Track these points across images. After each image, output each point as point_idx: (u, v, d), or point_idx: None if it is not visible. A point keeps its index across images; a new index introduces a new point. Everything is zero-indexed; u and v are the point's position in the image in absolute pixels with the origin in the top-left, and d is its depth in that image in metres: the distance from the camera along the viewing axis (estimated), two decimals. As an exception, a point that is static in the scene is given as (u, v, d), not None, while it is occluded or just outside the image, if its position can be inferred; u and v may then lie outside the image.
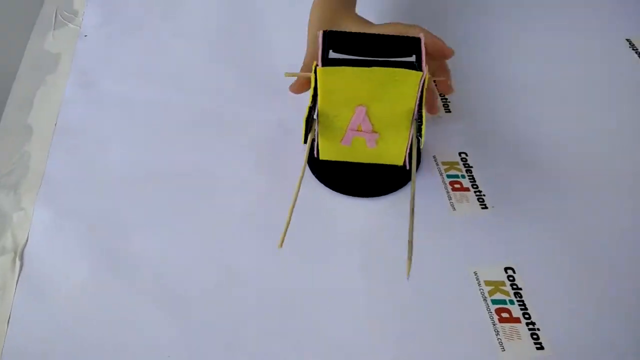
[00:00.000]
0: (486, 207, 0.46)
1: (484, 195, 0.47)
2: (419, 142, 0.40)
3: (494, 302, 0.41)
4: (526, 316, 0.40)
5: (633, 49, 0.59)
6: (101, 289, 0.41)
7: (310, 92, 0.41)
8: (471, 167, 0.49)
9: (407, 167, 0.46)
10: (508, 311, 0.40)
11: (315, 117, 0.42)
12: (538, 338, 0.39)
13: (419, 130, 0.40)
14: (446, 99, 0.54)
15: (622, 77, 0.56)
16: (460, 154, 0.50)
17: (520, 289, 0.41)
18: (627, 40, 0.60)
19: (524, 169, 0.48)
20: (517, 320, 0.40)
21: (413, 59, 0.40)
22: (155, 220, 0.45)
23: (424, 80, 0.39)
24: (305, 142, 0.40)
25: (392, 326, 0.39)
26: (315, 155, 0.47)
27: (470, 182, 0.48)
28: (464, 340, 0.39)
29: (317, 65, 0.39)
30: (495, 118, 0.53)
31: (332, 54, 0.40)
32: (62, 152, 0.50)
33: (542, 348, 0.38)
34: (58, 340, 0.38)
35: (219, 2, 0.65)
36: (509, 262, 0.43)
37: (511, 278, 0.42)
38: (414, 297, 0.41)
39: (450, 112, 0.54)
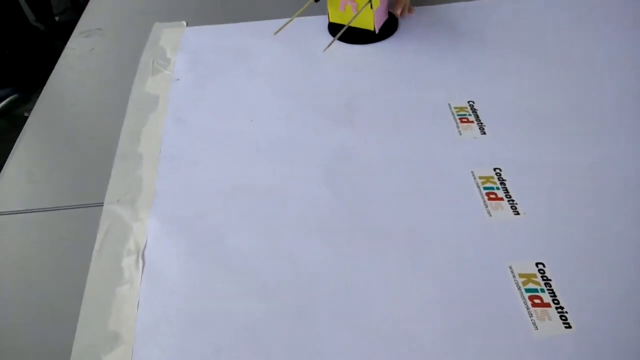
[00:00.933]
0: (518, 214, 0.54)
1: (517, 204, 0.55)
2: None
3: (527, 290, 0.49)
4: (555, 302, 0.48)
5: None
6: (202, 278, 0.51)
7: None
8: (505, 179, 0.57)
9: (376, 32, 0.76)
10: (540, 298, 0.48)
11: None
12: (566, 319, 0.46)
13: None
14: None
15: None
16: (495, 169, 0.58)
17: (550, 280, 0.49)
18: None
19: (553, 183, 0.57)
20: (548, 305, 0.48)
21: None
22: (240, 225, 0.55)
23: None
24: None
25: (439, 308, 0.48)
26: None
27: (504, 192, 0.56)
28: (504, 322, 0.47)
29: None
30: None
31: None
32: (166, 174, 0.62)
33: (569, 327, 0.46)
34: (174, 318, 0.49)
35: (280, 46, 0.77)
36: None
37: (542, 271, 0.50)
38: (458, 286, 0.49)
39: (485, 133, 0.62)
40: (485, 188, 0.57)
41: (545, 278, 0.49)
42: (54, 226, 0.58)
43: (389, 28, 0.78)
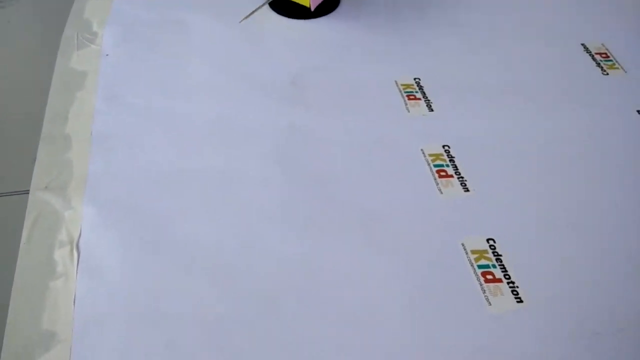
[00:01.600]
0: (468, 190, 0.55)
1: (466, 180, 0.55)
2: None
3: (480, 267, 0.49)
4: (507, 277, 0.48)
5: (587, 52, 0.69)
6: (147, 269, 0.48)
7: None
8: (453, 156, 0.57)
9: (311, 10, 0.71)
10: (492, 274, 0.49)
11: None
12: (518, 294, 0.47)
13: None
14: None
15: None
16: (444, 146, 0.59)
17: (501, 255, 0.50)
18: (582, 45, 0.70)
19: (502, 159, 0.57)
20: (500, 280, 0.48)
21: None
22: (187, 210, 0.52)
23: None
24: None
25: (397, 286, 0.47)
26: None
27: (454, 169, 0.56)
28: (459, 298, 0.47)
29: None
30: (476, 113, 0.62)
31: None
32: (99, 157, 0.57)
33: (521, 301, 0.47)
34: (117, 313, 0.45)
35: (220, 21, 0.73)
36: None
37: (492, 247, 0.50)
38: (414, 264, 0.49)
39: (432, 110, 0.62)
40: (435, 165, 0.57)
41: (496, 254, 0.50)
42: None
43: (331, 3, 0.76)
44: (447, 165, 0.57)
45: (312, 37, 0.71)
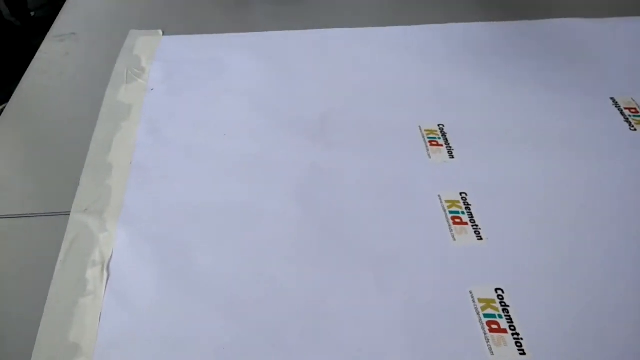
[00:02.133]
0: (481, 239, 0.56)
1: (480, 229, 0.56)
2: None
3: (485, 315, 0.50)
4: (512, 328, 0.49)
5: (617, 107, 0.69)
6: (168, 294, 0.51)
7: None
8: (470, 204, 0.59)
9: None
10: (497, 323, 0.49)
11: None
12: (521, 346, 0.48)
13: None
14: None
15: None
16: (461, 193, 0.60)
17: (508, 306, 0.50)
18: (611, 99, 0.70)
19: (518, 210, 0.58)
20: (505, 331, 0.49)
21: None
22: (209, 242, 0.55)
23: None
24: None
25: (401, 328, 0.49)
26: None
27: (469, 217, 0.58)
28: (463, 347, 0.48)
29: None
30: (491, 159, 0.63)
31: None
32: (136, 185, 0.61)
33: (524, 354, 0.47)
34: (138, 333, 0.49)
35: (258, 60, 0.77)
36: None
37: (500, 297, 0.51)
38: (420, 309, 0.50)
39: (453, 157, 0.64)
40: (451, 212, 0.58)
41: (503, 304, 0.51)
42: (20, 233, 0.57)
43: None
44: (463, 213, 0.58)
45: (342, 77, 0.75)
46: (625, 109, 0.68)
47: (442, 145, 0.66)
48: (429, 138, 0.66)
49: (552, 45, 0.79)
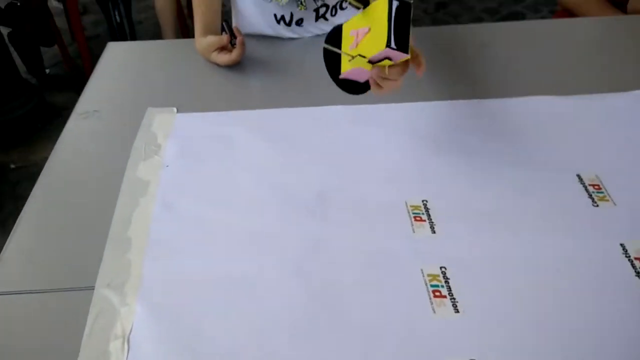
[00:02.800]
0: (458, 312, 0.63)
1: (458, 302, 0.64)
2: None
3: None
4: None
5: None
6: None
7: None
8: (449, 278, 0.66)
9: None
10: None
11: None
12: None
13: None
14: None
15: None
16: (441, 267, 0.67)
17: None
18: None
19: (492, 283, 0.66)
20: None
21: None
22: (218, 316, 0.63)
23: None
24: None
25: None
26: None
27: (447, 290, 0.65)
28: None
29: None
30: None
31: None
32: (153, 259, 0.69)
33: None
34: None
35: (263, 136, 0.86)
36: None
37: None
38: None
39: (435, 232, 0.71)
40: (432, 285, 0.66)
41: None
42: (47, 308, 0.65)
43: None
44: (442, 286, 0.66)
45: (338, 156, 0.83)
46: (589, 185, 0.76)
47: (425, 221, 0.73)
48: (413, 213, 0.74)
49: (522, 122, 0.88)
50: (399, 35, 0.66)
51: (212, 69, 1.01)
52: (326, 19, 1.08)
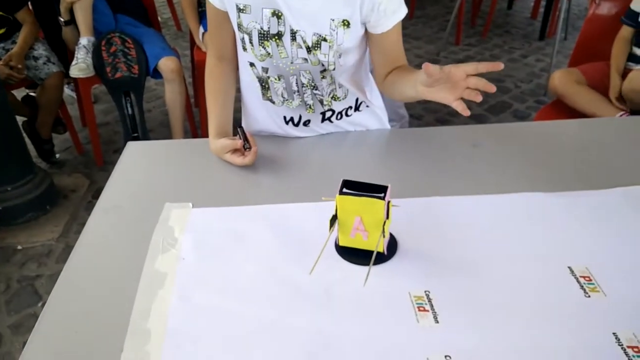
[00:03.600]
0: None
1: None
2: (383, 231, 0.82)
3: None
4: None
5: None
6: None
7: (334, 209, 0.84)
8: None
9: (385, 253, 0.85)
10: None
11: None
12: None
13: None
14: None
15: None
16: (445, 356, 0.71)
17: None
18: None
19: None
20: None
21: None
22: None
23: (387, 205, 0.80)
24: (329, 229, 0.85)
25: None
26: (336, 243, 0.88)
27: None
28: None
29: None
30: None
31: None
32: (170, 351, 0.73)
33: None
34: None
35: (274, 234, 0.92)
36: None
37: None
38: None
39: (438, 322, 0.76)
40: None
41: None
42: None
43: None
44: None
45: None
46: (580, 277, 0.82)
47: (428, 311, 0.78)
48: (417, 304, 0.79)
49: (515, 217, 0.94)
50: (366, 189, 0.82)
51: (225, 167, 1.09)
52: (331, 122, 1.19)
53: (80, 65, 2.27)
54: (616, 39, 2.05)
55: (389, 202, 0.82)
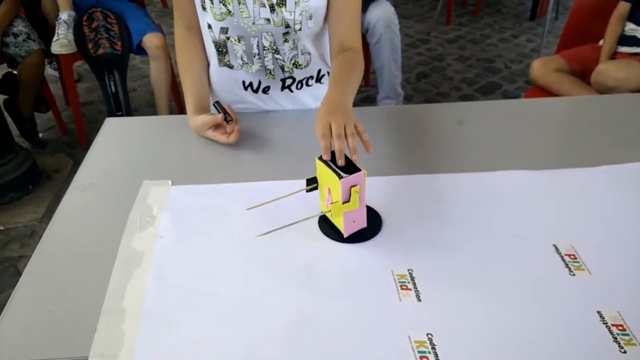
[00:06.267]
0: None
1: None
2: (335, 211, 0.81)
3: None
4: None
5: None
6: None
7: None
8: (435, 344, 0.68)
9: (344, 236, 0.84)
10: None
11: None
12: None
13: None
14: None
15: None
16: (427, 334, 0.70)
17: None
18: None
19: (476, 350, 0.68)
20: None
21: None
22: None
23: (349, 188, 0.79)
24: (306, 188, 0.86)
25: None
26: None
27: (434, 357, 0.67)
28: None
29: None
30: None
31: None
32: (145, 331, 0.71)
33: None
34: None
35: (258, 214, 0.89)
36: None
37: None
38: None
39: (420, 300, 0.74)
40: (419, 352, 0.68)
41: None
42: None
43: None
44: (429, 352, 0.68)
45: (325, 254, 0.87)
46: (566, 255, 0.80)
47: (410, 289, 0.76)
48: (399, 282, 0.77)
49: (500, 195, 0.93)
50: (345, 167, 0.80)
51: (206, 143, 1.06)
52: (291, 91, 1.15)
53: (62, 41, 2.22)
54: (612, 17, 2.01)
55: (355, 186, 0.79)
